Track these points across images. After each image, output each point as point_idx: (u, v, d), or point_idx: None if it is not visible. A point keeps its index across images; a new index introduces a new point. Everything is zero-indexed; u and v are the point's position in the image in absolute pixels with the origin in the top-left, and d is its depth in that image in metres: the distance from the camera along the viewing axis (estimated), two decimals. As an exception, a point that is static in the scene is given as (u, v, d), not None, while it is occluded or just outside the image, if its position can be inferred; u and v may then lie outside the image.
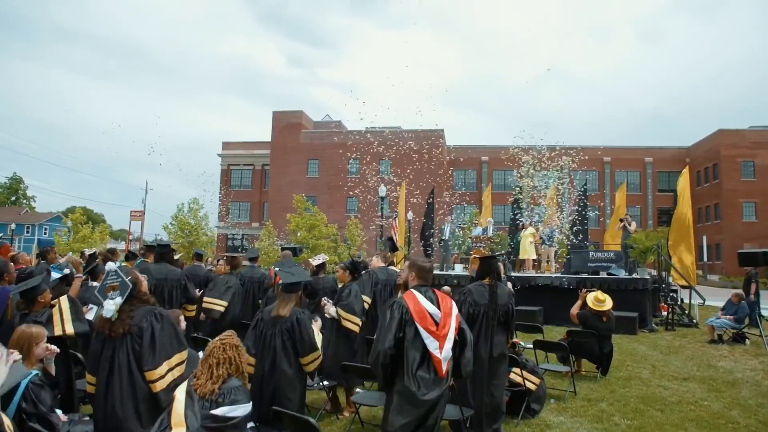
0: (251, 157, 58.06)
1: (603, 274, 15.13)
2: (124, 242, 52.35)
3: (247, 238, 55.12)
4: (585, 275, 15.00)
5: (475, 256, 9.28)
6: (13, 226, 44.14)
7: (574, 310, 8.76)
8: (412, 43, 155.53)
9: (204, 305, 8.39)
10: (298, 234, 28.97)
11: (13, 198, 69.92)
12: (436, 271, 14.66)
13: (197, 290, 9.35)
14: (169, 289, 7.39)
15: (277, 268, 7.84)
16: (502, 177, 52.20)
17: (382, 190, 25.98)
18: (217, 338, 3.58)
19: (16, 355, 3.22)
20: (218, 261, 10.72)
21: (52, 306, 4.75)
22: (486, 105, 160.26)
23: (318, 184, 51.37)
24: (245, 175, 59.17)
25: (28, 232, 62.37)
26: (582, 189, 20.29)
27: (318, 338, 4.65)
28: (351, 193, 47.73)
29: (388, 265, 8.07)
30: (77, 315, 4.81)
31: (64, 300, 4.76)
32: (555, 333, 11.84)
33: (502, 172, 52.00)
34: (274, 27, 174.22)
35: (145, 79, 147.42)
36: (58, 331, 4.54)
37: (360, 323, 6.28)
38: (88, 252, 10.37)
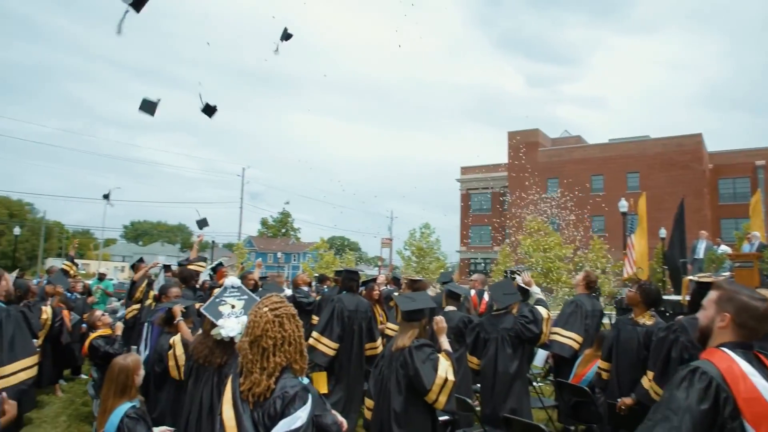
0: (489, 180, 57.74)
1: None
2: (377, 268, 56.08)
3: (488, 262, 54.59)
4: None
5: (690, 278, 7.03)
6: (279, 254, 50.46)
7: None
8: (664, 44, 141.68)
9: None
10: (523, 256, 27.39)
11: (283, 230, 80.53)
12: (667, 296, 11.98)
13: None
14: (359, 323, 6.82)
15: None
16: (786, 181, 43.26)
17: (623, 206, 23.09)
18: (262, 305, 2.46)
19: None
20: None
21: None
22: (759, 102, 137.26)
23: (558, 203, 48.67)
24: (484, 199, 59.03)
25: (294, 260, 71.01)
26: None
27: (443, 366, 3.55)
28: (595, 211, 44.21)
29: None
30: None
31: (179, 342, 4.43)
32: None
33: (787, 176, 43.14)
34: (512, 50, 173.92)
35: (388, 115, 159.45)
36: (174, 374, 4.25)
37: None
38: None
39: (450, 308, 6.75)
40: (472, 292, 8.14)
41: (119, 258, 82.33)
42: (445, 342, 3.77)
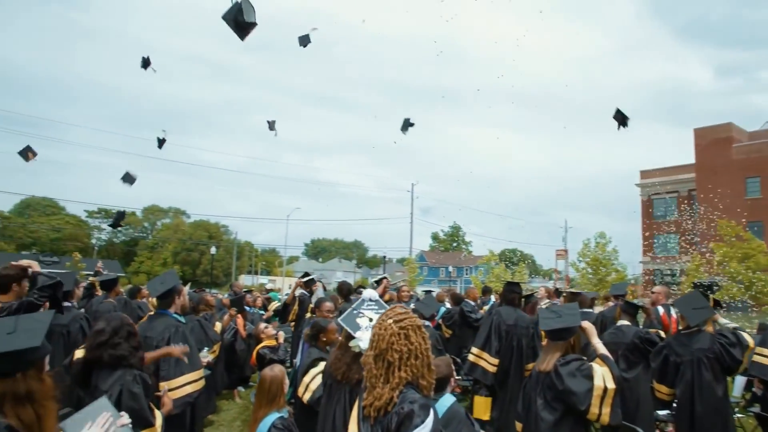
0: (674, 183, 52.72)
1: None
2: (551, 280, 53.87)
3: (676, 273, 49.51)
4: None
5: None
6: (451, 268, 50.41)
7: None
8: None
9: None
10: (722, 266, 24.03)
11: (454, 244, 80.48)
12: None
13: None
14: (519, 339, 6.37)
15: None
16: None
17: None
18: (386, 317, 2.31)
19: (125, 419, 2.84)
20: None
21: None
22: None
23: (762, 205, 42.62)
24: (669, 204, 53.85)
25: (466, 273, 70.61)
26: None
27: (598, 373, 2.99)
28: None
29: None
30: None
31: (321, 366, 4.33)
32: None
33: None
34: (698, 38, 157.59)
35: (558, 120, 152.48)
36: (300, 392, 4.18)
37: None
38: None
39: (624, 323, 5.99)
40: (661, 309, 6.91)
41: (301, 274, 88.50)
42: (599, 345, 3.21)
